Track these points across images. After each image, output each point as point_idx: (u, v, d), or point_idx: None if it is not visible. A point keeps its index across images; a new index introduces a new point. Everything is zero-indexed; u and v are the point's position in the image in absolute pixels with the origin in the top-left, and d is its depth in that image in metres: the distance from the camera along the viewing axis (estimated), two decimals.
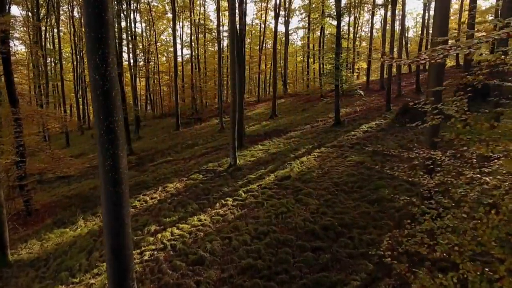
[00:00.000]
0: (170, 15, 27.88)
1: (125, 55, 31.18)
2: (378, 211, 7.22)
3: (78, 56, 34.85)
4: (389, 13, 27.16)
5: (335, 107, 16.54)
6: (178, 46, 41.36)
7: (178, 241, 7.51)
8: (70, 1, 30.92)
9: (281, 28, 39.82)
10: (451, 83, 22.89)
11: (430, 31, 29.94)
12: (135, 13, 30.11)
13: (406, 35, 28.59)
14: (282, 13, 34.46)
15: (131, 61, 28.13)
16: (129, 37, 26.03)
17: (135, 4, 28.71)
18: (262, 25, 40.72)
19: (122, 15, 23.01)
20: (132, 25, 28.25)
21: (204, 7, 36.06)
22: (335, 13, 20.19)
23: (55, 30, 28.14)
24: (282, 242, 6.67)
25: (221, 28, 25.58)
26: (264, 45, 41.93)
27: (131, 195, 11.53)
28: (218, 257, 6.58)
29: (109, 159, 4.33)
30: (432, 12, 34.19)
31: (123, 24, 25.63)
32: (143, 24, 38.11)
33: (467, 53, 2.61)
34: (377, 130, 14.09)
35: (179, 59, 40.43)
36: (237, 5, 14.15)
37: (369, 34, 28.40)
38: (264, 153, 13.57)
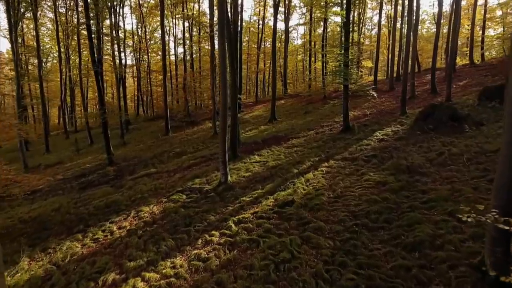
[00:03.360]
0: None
1: (108, 50, 29.03)
2: (421, 265, 5.05)
3: (65, 55, 32.74)
4: (399, 8, 25.09)
5: (344, 110, 14.35)
6: (172, 44, 39.25)
7: None
8: None
9: (280, 25, 37.76)
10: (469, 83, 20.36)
11: (441, 28, 27.87)
12: (123, 7, 27.93)
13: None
14: (281, 9, 32.35)
15: (117, 60, 25.82)
16: (113, 32, 23.83)
17: None
18: (261, 22, 38.68)
19: (105, 7, 20.88)
20: (117, 18, 26.06)
21: (199, 4, 33.85)
22: (339, 4, 18.11)
23: (35, 26, 25.87)
24: None
25: (215, 22, 23.44)
26: (262, 43, 39.92)
27: (97, 220, 9.37)
28: None
29: None
30: (444, 8, 32.07)
31: (108, 20, 23.54)
32: (134, 21, 36.10)
33: None
34: (395, 138, 11.94)
35: (173, 58, 38.28)
36: None
37: (377, 29, 26.29)
38: (262, 167, 11.41)
